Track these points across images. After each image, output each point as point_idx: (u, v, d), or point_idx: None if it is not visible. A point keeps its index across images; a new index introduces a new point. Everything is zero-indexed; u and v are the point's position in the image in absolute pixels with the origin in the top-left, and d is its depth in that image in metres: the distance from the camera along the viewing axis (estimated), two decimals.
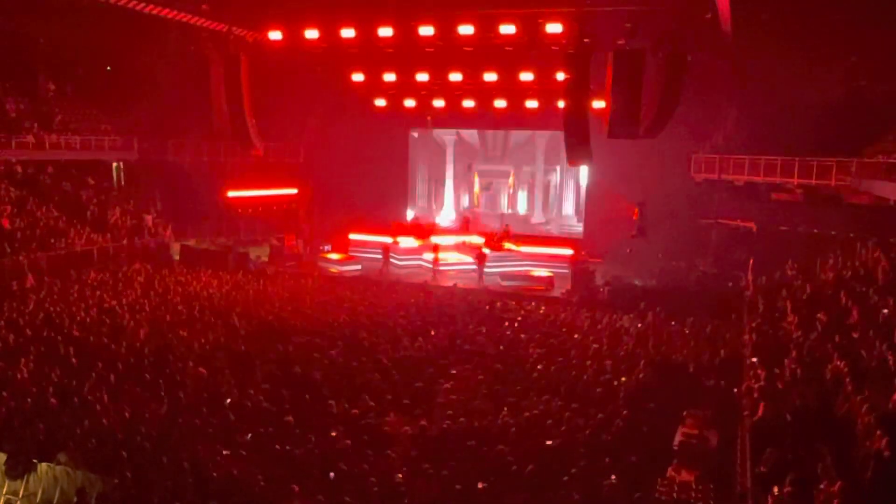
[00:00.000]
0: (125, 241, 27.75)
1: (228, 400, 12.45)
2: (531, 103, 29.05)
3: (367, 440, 10.69)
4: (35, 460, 10.17)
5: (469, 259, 27.31)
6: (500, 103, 29.39)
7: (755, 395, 11.07)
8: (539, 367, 14.42)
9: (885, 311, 12.40)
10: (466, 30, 22.43)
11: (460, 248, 29.10)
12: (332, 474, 9.56)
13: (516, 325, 18.45)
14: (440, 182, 37.28)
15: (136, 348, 15.23)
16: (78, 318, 17.56)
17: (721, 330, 17.43)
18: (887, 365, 10.14)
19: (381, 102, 31.52)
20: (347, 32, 23.38)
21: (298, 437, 10.77)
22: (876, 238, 18.33)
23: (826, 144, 22.95)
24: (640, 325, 18.25)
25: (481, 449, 10.38)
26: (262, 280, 23.98)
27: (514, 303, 21.40)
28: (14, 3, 26.10)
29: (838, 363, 10.81)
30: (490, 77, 27.26)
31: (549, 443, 10.67)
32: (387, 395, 12.73)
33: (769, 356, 12.69)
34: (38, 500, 10.07)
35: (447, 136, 36.38)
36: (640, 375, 13.60)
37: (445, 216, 36.13)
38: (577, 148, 23.29)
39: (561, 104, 23.83)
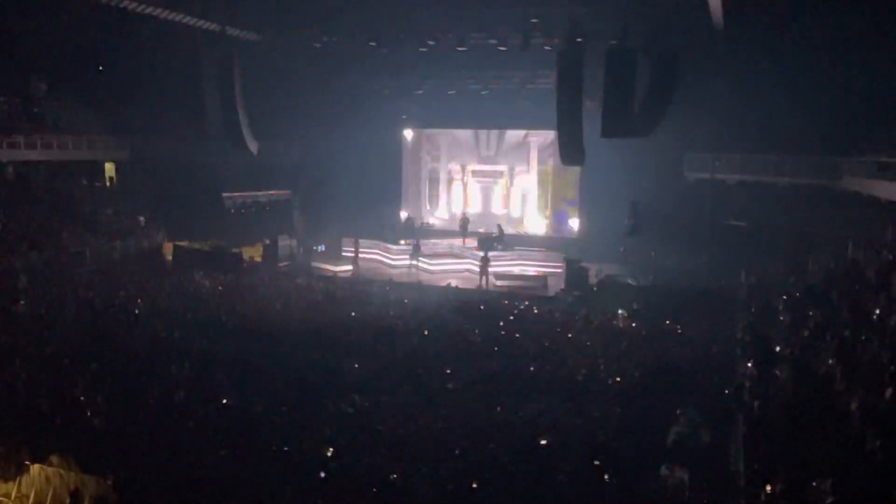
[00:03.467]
0: (118, 242, 27.60)
1: (225, 400, 12.43)
2: (524, 103, 29.03)
3: (361, 440, 10.68)
4: (27, 462, 10.12)
5: (464, 259, 27.29)
6: (493, 103, 29.36)
7: (748, 393, 11.13)
8: (532, 366, 14.44)
9: (877, 309, 12.46)
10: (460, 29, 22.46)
11: (455, 248, 29.07)
12: (322, 474, 9.55)
13: (510, 324, 18.46)
14: (434, 182, 37.19)
15: (129, 349, 15.16)
16: (70, 319, 17.45)
17: (714, 328, 17.49)
18: (879, 362, 10.19)
19: (373, 102, 31.44)
20: (341, 31, 23.36)
21: (293, 437, 10.76)
22: (867, 236, 18.41)
23: (818, 143, 23.04)
24: (633, 324, 18.29)
25: (476, 448, 10.39)
26: (255, 281, 23.90)
27: (507, 302, 21.41)
28: (5, 1, 25.93)
29: (830, 361, 10.86)
30: (484, 76, 27.26)
31: (543, 442, 10.70)
32: (381, 396, 12.73)
33: (762, 354, 12.74)
34: (30, 501, 10.01)
35: (441, 136, 36.31)
36: (634, 374, 13.64)
37: (439, 217, 36.09)
38: (571, 147, 23.33)
39: (554, 104, 23.83)
